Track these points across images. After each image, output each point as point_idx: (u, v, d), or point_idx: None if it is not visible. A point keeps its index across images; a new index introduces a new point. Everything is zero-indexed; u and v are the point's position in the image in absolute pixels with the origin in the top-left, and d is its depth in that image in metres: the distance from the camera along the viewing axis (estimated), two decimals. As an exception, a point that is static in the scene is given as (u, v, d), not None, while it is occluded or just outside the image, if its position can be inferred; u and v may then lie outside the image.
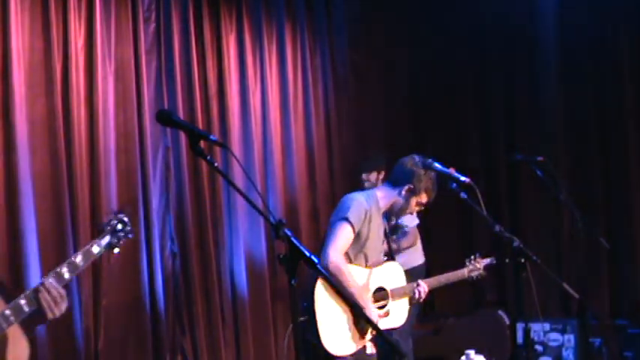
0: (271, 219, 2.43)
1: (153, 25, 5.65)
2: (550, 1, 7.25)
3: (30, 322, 2.79)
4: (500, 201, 7.25)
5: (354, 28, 7.13)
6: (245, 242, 6.00)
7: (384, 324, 4.21)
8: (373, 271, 4.26)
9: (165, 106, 5.59)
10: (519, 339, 6.00)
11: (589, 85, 7.13)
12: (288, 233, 2.39)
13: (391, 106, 7.30)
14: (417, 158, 4.32)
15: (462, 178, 4.14)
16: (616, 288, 6.93)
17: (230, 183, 2.61)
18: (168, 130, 5.57)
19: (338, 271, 4.01)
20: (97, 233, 2.96)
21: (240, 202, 5.89)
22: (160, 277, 5.41)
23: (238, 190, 2.56)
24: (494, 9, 7.22)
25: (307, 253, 2.37)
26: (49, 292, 2.74)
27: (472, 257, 4.61)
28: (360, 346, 4.11)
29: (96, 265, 4.99)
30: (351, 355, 4.08)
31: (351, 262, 4.18)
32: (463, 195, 4.09)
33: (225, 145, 2.61)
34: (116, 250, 2.98)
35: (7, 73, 4.75)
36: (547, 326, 6.18)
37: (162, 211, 5.56)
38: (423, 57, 7.44)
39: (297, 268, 2.40)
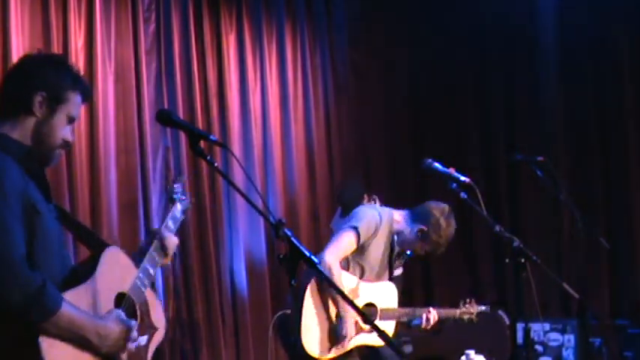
0: (271, 219, 2.42)
1: (153, 25, 5.65)
2: (550, 1, 7.24)
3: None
4: (500, 201, 7.24)
5: (354, 27, 7.12)
6: (245, 242, 6.00)
7: (365, 339, 4.14)
8: (366, 285, 4.21)
9: (165, 106, 5.59)
10: (519, 339, 5.99)
11: (589, 85, 7.12)
12: (288, 233, 2.38)
13: (391, 106, 7.29)
14: (447, 210, 4.27)
15: (462, 178, 4.13)
16: (616, 288, 6.92)
17: (230, 183, 2.61)
18: (168, 130, 5.57)
19: (328, 273, 3.99)
20: (170, 201, 3.02)
21: (240, 202, 5.89)
22: (159, 278, 5.41)
23: (238, 190, 2.56)
24: (494, 9, 7.20)
25: (307, 253, 2.37)
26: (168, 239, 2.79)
27: (467, 300, 4.60)
28: (337, 355, 4.04)
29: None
30: None
31: (346, 270, 4.16)
32: (463, 195, 4.08)
33: (225, 145, 2.60)
34: (182, 217, 3.05)
35: (7, 74, 4.75)
36: (547, 326, 6.17)
37: (162, 211, 5.55)
38: (423, 57, 7.43)
39: (297, 269, 2.40)
